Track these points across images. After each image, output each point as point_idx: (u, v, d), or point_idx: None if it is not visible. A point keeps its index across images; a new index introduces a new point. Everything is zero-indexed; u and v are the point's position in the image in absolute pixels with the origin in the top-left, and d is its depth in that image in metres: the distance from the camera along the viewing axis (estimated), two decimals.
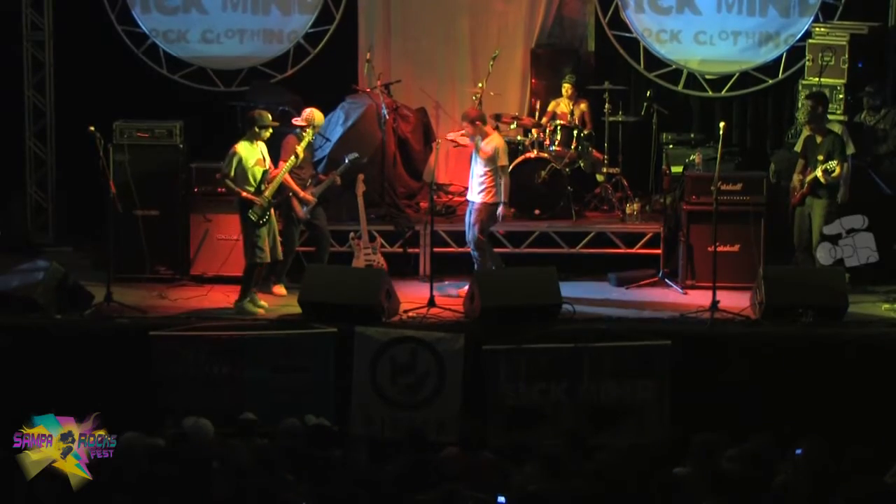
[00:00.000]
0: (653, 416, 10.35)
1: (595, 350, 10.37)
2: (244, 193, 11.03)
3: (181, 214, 12.16)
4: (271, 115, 11.51)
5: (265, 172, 11.16)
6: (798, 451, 8.01)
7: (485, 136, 11.51)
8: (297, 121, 11.63)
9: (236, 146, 11.12)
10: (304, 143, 11.32)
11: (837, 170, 11.25)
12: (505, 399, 10.36)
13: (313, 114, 11.58)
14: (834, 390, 10.24)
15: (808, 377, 10.30)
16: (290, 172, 11.43)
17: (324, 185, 11.71)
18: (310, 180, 11.68)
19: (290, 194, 11.50)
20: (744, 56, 13.78)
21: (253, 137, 11.17)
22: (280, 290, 11.69)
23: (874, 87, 12.71)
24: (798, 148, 12.03)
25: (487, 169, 11.47)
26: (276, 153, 11.45)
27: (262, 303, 11.25)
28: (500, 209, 11.50)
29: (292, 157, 11.25)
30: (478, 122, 11.48)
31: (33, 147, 13.66)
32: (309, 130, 11.43)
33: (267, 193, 11.10)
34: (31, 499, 7.57)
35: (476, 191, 11.59)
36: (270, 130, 11.24)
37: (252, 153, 11.13)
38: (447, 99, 14.05)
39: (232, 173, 11.05)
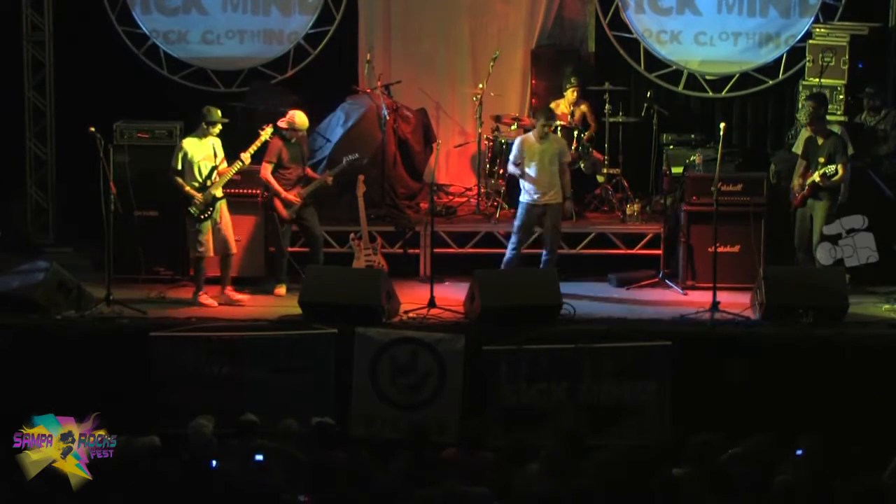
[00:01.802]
0: (653, 417, 10.34)
1: (595, 350, 10.37)
2: (186, 188, 11.21)
3: (181, 215, 12.14)
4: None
5: (213, 168, 11.28)
6: (798, 452, 8.01)
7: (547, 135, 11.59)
8: (281, 122, 11.66)
9: (182, 141, 11.35)
10: (252, 149, 11.34)
11: (840, 172, 11.24)
12: (505, 399, 10.35)
13: (294, 116, 11.64)
14: (834, 391, 10.23)
15: (808, 377, 10.29)
16: (275, 173, 11.52)
17: (312, 185, 11.71)
18: (298, 181, 11.67)
19: (273, 195, 11.55)
20: (744, 57, 13.78)
21: (202, 133, 11.33)
22: (281, 290, 11.70)
23: (874, 88, 12.71)
24: (798, 149, 12.03)
25: (555, 167, 11.51)
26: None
27: (210, 300, 11.33)
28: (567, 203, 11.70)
29: (238, 162, 11.30)
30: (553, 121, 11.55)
31: (33, 147, 13.66)
32: (267, 129, 11.43)
33: (212, 189, 11.24)
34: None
35: (551, 191, 11.54)
36: (219, 126, 11.37)
37: (199, 148, 11.31)
38: (447, 100, 14.05)
39: (179, 167, 11.23)
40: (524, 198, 11.62)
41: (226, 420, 9.17)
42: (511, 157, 11.67)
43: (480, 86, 13.23)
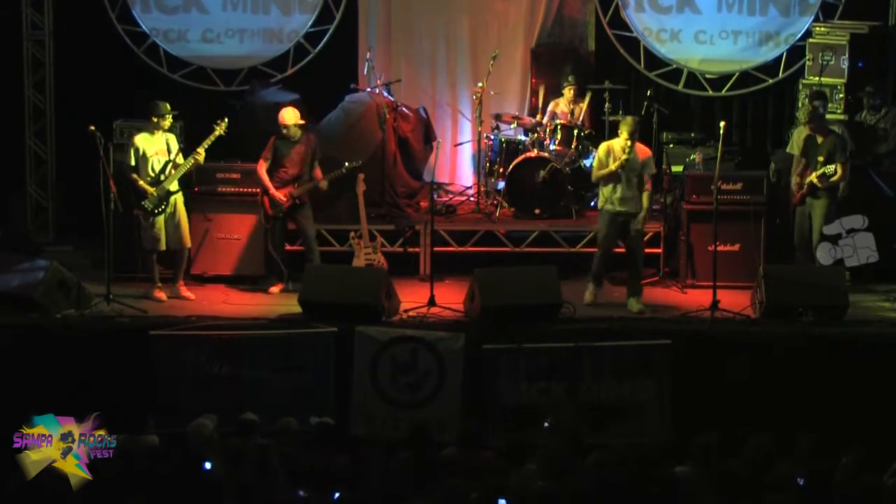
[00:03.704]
0: (653, 416, 10.34)
1: (595, 349, 10.37)
2: (139, 183, 11.29)
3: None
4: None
5: (167, 163, 11.36)
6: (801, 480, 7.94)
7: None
8: None
9: (135, 137, 11.43)
10: (205, 143, 11.32)
11: (839, 172, 11.24)
12: (505, 398, 10.36)
13: (281, 112, 11.67)
14: (834, 390, 10.23)
15: (808, 377, 10.29)
16: (272, 170, 11.52)
17: (304, 187, 11.68)
18: (293, 181, 11.63)
19: (262, 191, 11.56)
20: (744, 55, 13.79)
21: (152, 128, 11.39)
22: (274, 289, 11.71)
23: (874, 87, 12.72)
24: (792, 149, 12.06)
25: (637, 179, 11.20)
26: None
27: (161, 295, 11.37)
28: None
29: (191, 157, 11.31)
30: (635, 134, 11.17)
31: (33, 146, 13.66)
32: (221, 124, 11.39)
33: (165, 184, 11.29)
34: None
35: (633, 201, 11.14)
36: (169, 120, 11.42)
37: (151, 143, 11.38)
38: (447, 98, 14.05)
39: (132, 163, 11.33)
40: (608, 206, 11.26)
41: (226, 419, 9.17)
42: (595, 164, 11.38)
43: (480, 84, 13.22)
